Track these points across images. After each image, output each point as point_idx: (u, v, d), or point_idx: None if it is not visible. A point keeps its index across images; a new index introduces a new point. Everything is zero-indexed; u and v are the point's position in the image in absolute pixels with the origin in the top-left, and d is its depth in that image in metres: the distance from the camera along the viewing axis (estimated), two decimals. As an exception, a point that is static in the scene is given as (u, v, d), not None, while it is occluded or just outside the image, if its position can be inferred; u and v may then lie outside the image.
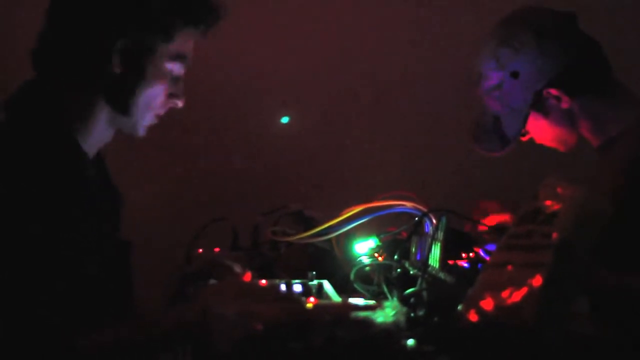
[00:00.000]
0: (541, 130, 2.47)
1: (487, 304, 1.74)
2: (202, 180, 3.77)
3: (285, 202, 2.75)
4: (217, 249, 2.59)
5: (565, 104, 2.38)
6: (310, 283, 2.18)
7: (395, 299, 2.22)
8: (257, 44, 3.57)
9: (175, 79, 2.15)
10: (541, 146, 2.55)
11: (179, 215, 3.40)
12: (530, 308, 1.67)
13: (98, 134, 2.09)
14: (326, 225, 2.37)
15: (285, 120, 3.85)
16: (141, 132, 2.15)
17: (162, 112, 2.17)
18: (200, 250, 2.50)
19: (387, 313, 1.69)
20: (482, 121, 2.55)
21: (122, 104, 2.06)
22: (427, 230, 2.30)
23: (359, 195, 2.44)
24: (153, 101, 2.11)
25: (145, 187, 2.45)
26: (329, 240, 2.42)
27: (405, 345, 1.74)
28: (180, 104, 2.18)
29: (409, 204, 2.35)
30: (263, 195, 3.66)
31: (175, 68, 2.12)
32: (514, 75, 2.39)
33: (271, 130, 3.83)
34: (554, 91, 2.36)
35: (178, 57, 2.10)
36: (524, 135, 2.52)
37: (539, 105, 2.40)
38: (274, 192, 3.74)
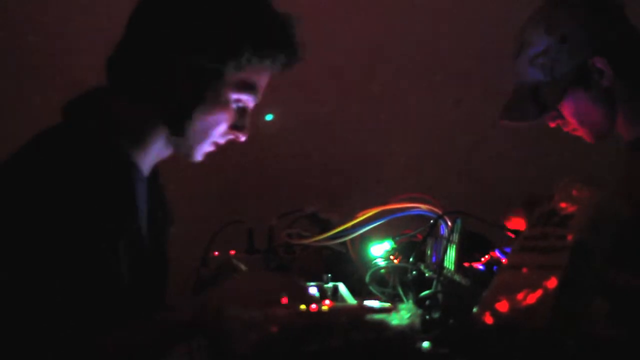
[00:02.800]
0: (577, 109, 2.42)
1: (502, 306, 1.74)
2: (218, 183, 3.78)
3: (300, 204, 2.75)
4: (232, 252, 2.59)
5: (607, 80, 2.35)
6: (326, 286, 2.18)
7: (410, 301, 2.22)
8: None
9: (241, 110, 2.13)
10: (553, 148, 2.54)
11: (195, 218, 3.41)
12: (545, 310, 1.67)
13: (155, 150, 2.09)
14: (341, 227, 2.37)
15: (269, 117, 3.85)
16: (197, 157, 2.14)
17: (222, 141, 2.16)
18: (216, 253, 2.50)
19: (403, 315, 1.69)
20: (518, 90, 2.51)
21: (178, 125, 2.05)
22: (442, 232, 2.30)
23: (374, 198, 2.44)
24: (212, 128, 2.09)
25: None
26: (345, 242, 2.42)
27: (420, 348, 1.74)
28: (242, 137, 2.16)
29: (424, 206, 2.35)
30: (279, 197, 3.66)
31: (243, 99, 2.11)
32: (563, 39, 2.36)
33: (287, 133, 3.84)
34: (599, 62, 2.34)
35: (246, 88, 2.09)
36: (555, 118, 2.49)
37: (582, 78, 2.38)
38: (290, 194, 3.75)
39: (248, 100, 2.11)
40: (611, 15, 2.39)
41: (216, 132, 2.10)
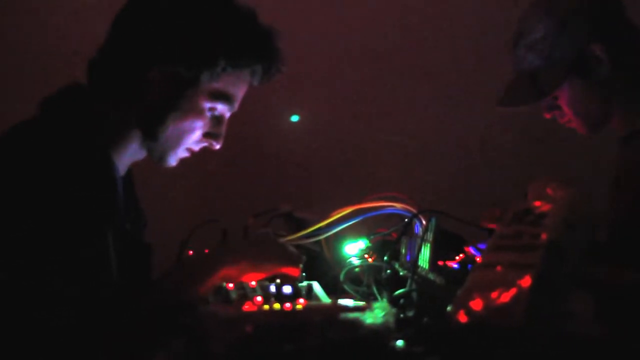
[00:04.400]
0: (574, 97, 2.43)
1: (477, 304, 1.74)
2: (192, 183, 3.77)
3: (275, 204, 2.75)
4: (207, 251, 2.59)
5: (605, 69, 2.35)
6: (300, 284, 2.18)
7: (384, 300, 2.22)
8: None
9: (217, 119, 2.14)
10: (533, 148, 2.54)
11: (170, 217, 3.40)
12: (519, 308, 1.67)
13: (130, 152, 2.10)
14: (316, 226, 2.37)
15: (295, 118, 3.87)
16: (170, 162, 2.15)
17: (196, 148, 2.17)
18: (191, 252, 2.50)
19: (377, 314, 1.69)
20: (516, 78, 2.52)
21: (151, 130, 2.07)
22: (416, 231, 2.31)
23: (349, 197, 2.44)
24: (185, 135, 2.10)
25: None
26: (319, 241, 2.42)
27: (394, 346, 1.74)
28: (216, 145, 2.18)
29: (398, 205, 2.35)
30: (254, 197, 3.66)
31: (219, 108, 2.11)
32: (562, 25, 2.36)
33: (261, 132, 3.83)
34: (597, 49, 2.34)
35: (222, 97, 2.10)
36: (552, 108, 2.49)
37: (580, 64, 2.38)
38: (265, 193, 3.75)
39: (223, 109, 2.12)
40: (610, 4, 2.39)
41: (189, 139, 2.12)
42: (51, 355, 1.75)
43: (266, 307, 1.82)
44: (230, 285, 2.00)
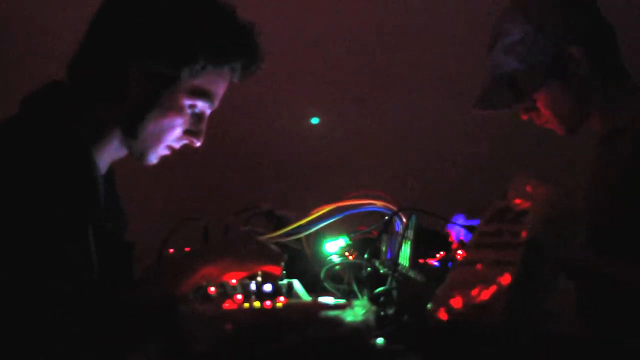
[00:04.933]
0: (553, 99, 2.42)
1: (457, 302, 1.74)
2: (173, 181, 3.76)
3: (256, 201, 2.74)
4: (187, 249, 2.58)
5: (583, 71, 2.35)
6: (281, 282, 2.18)
7: (365, 297, 2.22)
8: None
9: (197, 116, 2.13)
10: (514, 146, 2.55)
11: (151, 215, 3.39)
12: (498, 306, 1.68)
13: (111, 150, 2.10)
14: (296, 224, 2.37)
15: (315, 121, 3.87)
16: (151, 160, 2.15)
17: (177, 146, 2.16)
18: (172, 250, 2.49)
19: (357, 312, 1.69)
20: (493, 81, 2.49)
21: (131, 127, 2.06)
22: (397, 229, 2.31)
23: (329, 195, 2.44)
24: (165, 132, 2.10)
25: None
26: (300, 239, 2.42)
27: (374, 344, 1.74)
28: (197, 143, 2.17)
29: (379, 203, 2.35)
30: (234, 195, 3.65)
31: (199, 105, 2.11)
32: (539, 27, 2.36)
33: (242, 130, 3.83)
34: (575, 51, 2.34)
35: (201, 95, 2.09)
36: (529, 110, 2.48)
37: (558, 67, 2.37)
38: (246, 191, 3.74)
39: (203, 106, 2.12)
40: (586, 5, 2.39)
41: (170, 137, 2.11)
42: (32, 351, 1.75)
43: (246, 305, 1.81)
44: (212, 288, 2.00)
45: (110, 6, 2.08)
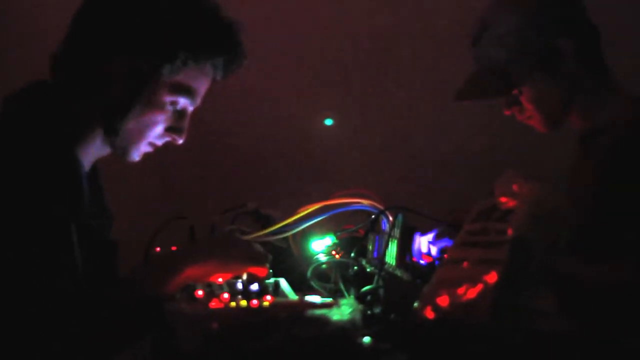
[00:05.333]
0: (538, 92, 2.38)
1: (443, 300, 1.75)
2: (159, 180, 3.76)
3: (242, 200, 2.74)
4: (174, 248, 2.58)
5: (570, 64, 2.34)
6: (267, 281, 2.18)
7: (351, 296, 2.22)
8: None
9: (179, 113, 2.13)
10: (499, 147, 2.54)
11: (137, 214, 3.38)
12: (485, 304, 1.68)
13: (94, 147, 2.09)
14: (283, 223, 2.37)
15: (329, 122, 3.87)
16: (133, 157, 2.14)
17: (159, 143, 2.16)
18: (158, 249, 2.49)
19: (344, 311, 1.69)
20: (479, 72, 2.45)
21: (113, 124, 2.05)
22: (384, 227, 2.31)
23: (316, 193, 2.44)
24: (147, 129, 2.09)
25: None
26: (286, 238, 2.42)
27: (361, 343, 1.74)
28: (179, 140, 2.17)
29: (365, 202, 2.35)
30: (221, 194, 3.65)
31: (180, 102, 2.10)
32: (530, 19, 2.33)
33: (227, 128, 3.83)
34: (565, 44, 2.33)
35: (183, 91, 2.09)
36: (512, 104, 2.46)
37: (547, 58, 2.35)
38: (232, 190, 3.74)
39: (185, 103, 2.11)
40: (575, 1, 2.39)
41: (152, 133, 2.11)
42: (14, 352, 1.74)
43: (233, 304, 1.82)
44: (200, 292, 1.99)
45: (92, 2, 2.07)
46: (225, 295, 1.90)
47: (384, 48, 3.94)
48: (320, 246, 2.43)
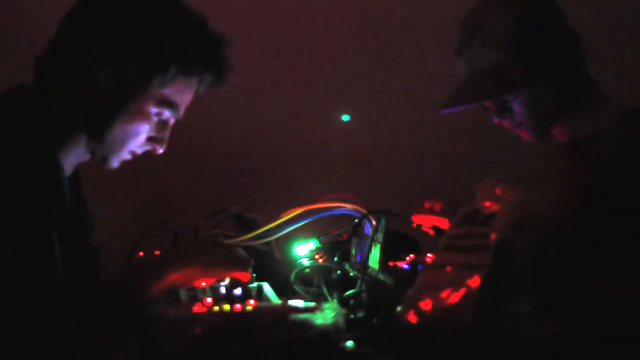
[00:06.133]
0: (535, 96, 2.32)
1: (426, 304, 1.75)
2: (143, 184, 3.75)
3: (226, 205, 2.74)
4: (157, 252, 2.58)
5: (565, 64, 2.29)
6: (250, 285, 2.18)
7: (334, 300, 2.22)
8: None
9: (161, 124, 2.13)
10: (483, 150, 2.54)
11: (121, 218, 3.38)
12: (467, 309, 1.68)
13: (76, 153, 2.09)
14: (266, 227, 2.37)
15: (345, 118, 3.86)
16: (113, 165, 2.14)
17: (139, 151, 2.16)
18: (142, 253, 2.49)
19: (327, 315, 1.69)
20: (470, 77, 2.38)
21: (97, 132, 2.05)
22: (367, 231, 2.31)
23: (299, 198, 2.44)
24: (130, 138, 2.09)
25: (84, 191, 2.44)
26: (269, 242, 2.42)
27: (344, 347, 1.75)
28: (160, 150, 2.17)
29: (348, 206, 2.35)
30: (204, 198, 3.65)
31: (165, 113, 2.11)
32: (521, 18, 2.28)
33: (211, 132, 3.83)
34: (557, 43, 2.30)
35: (169, 104, 2.09)
36: (504, 110, 2.43)
37: (543, 59, 2.29)
38: (215, 194, 3.74)
39: (170, 114, 2.12)
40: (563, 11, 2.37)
41: (134, 143, 2.11)
42: None
43: (216, 308, 1.81)
44: (182, 296, 1.99)
45: (84, 9, 2.07)
46: (209, 300, 1.90)
47: (369, 50, 3.95)
48: (304, 250, 2.43)
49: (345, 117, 3.90)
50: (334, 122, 3.96)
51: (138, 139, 2.10)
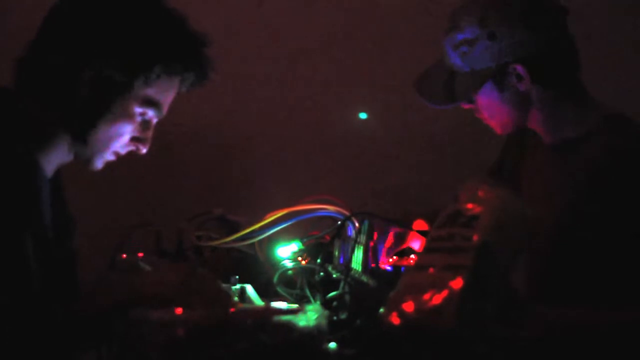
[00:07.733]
0: (489, 104, 2.37)
1: (409, 306, 1.75)
2: (125, 186, 3.74)
3: (209, 206, 2.74)
4: (140, 254, 2.57)
5: (524, 86, 2.32)
6: (233, 287, 2.18)
7: (317, 302, 2.22)
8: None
9: (145, 124, 2.13)
10: (466, 150, 2.53)
11: (103, 220, 3.37)
12: (450, 310, 1.68)
13: (59, 154, 2.07)
14: (249, 229, 2.37)
15: (363, 116, 3.85)
16: (97, 165, 2.13)
17: (123, 152, 2.15)
18: (124, 255, 2.48)
19: (310, 317, 1.69)
20: (434, 71, 2.45)
21: (81, 133, 2.04)
22: (350, 233, 2.31)
23: (282, 199, 2.44)
24: (114, 139, 2.08)
25: (67, 193, 2.43)
26: (253, 244, 2.42)
27: (327, 349, 1.75)
28: (143, 149, 2.17)
29: (331, 208, 2.36)
30: (187, 200, 3.64)
31: (149, 113, 2.10)
32: (491, 37, 2.31)
33: (195, 134, 3.82)
34: (520, 68, 2.31)
35: (151, 104, 2.09)
36: (470, 102, 2.44)
37: (499, 78, 2.35)
38: (198, 196, 3.73)
39: (153, 114, 2.11)
40: (546, 23, 2.35)
41: (118, 143, 2.10)
42: None
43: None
44: None
45: (66, 9, 2.06)
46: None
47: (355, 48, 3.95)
48: (287, 252, 2.43)
49: (363, 115, 3.89)
50: (316, 124, 3.95)
51: (122, 139, 2.10)
